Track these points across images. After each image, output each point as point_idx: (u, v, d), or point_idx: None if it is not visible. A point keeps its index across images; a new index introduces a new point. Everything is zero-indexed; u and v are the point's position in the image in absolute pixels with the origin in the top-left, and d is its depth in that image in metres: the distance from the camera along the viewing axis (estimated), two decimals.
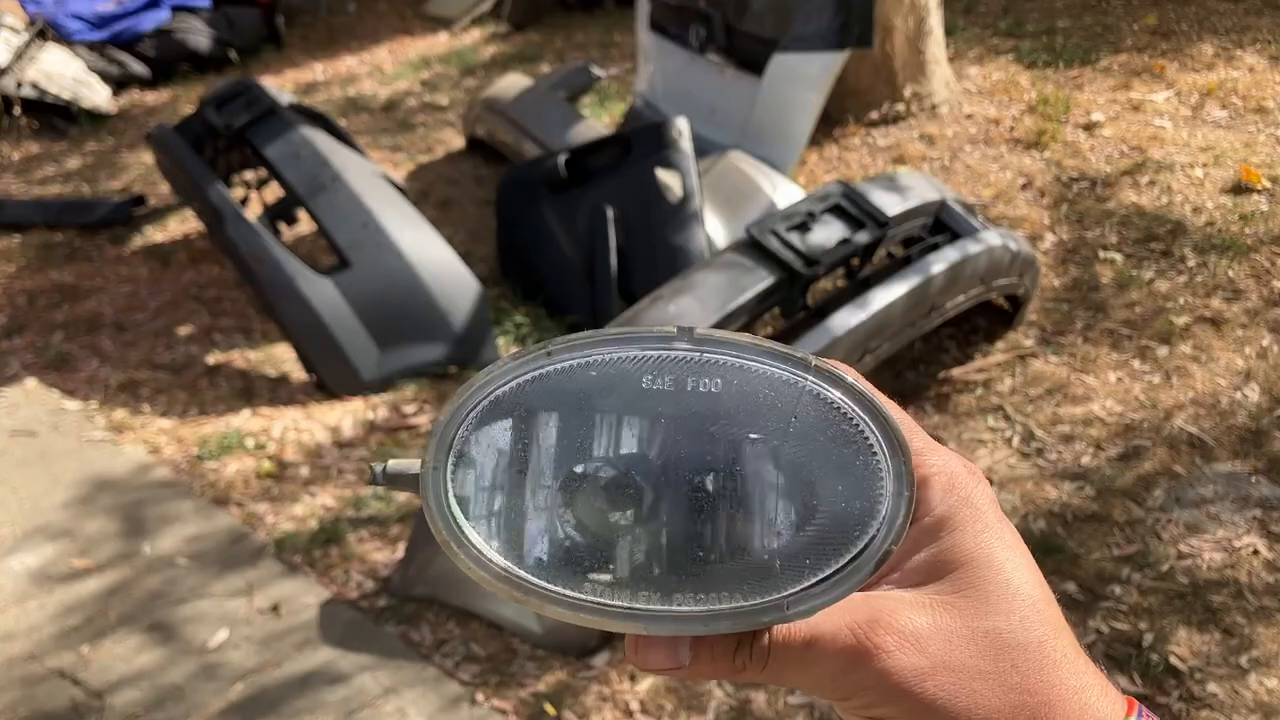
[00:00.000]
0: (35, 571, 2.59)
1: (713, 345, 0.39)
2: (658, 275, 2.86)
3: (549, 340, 0.39)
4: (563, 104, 4.26)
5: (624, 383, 0.38)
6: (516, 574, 0.37)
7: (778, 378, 0.39)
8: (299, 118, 3.61)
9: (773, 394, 0.38)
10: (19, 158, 5.23)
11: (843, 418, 0.38)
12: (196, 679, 2.26)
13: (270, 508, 2.74)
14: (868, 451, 0.38)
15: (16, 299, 3.88)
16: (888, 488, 0.38)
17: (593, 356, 0.39)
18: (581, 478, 0.38)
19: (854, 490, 0.38)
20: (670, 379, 0.38)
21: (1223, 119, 3.78)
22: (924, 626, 0.39)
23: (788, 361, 0.39)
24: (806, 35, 3.67)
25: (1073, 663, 0.41)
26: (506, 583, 0.37)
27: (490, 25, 6.36)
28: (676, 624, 0.37)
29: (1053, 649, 0.40)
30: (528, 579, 0.37)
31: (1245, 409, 2.59)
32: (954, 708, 0.39)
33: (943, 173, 3.74)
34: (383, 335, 3.17)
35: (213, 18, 6.17)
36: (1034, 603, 0.41)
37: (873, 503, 0.38)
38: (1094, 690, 0.41)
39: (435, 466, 0.38)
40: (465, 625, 2.32)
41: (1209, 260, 3.09)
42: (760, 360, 0.39)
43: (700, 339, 0.39)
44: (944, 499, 0.42)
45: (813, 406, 0.38)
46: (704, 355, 0.39)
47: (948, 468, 0.43)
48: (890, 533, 0.38)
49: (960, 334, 3.01)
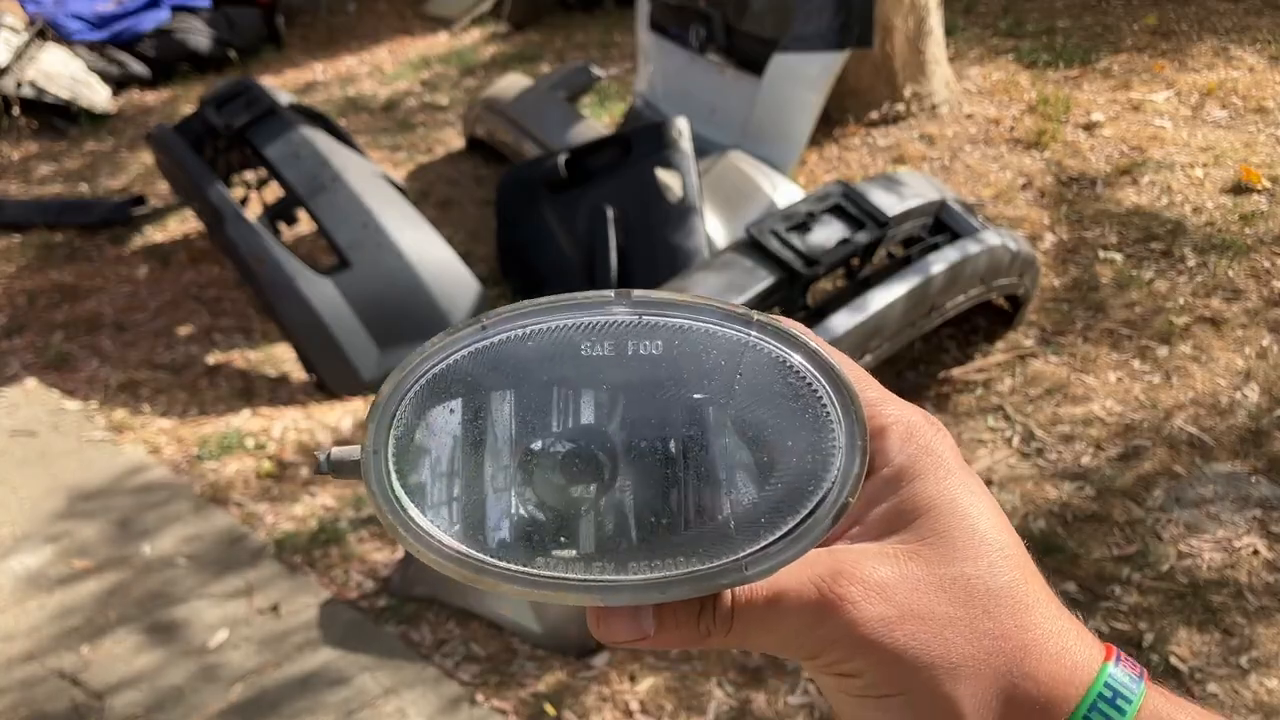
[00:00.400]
0: (35, 572, 2.59)
1: (652, 307, 0.38)
2: (658, 275, 2.86)
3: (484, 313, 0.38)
4: (563, 104, 4.26)
5: (563, 351, 0.38)
6: (469, 554, 0.36)
7: (721, 335, 0.38)
8: (299, 118, 3.61)
9: (716, 353, 0.37)
10: (19, 157, 5.23)
11: (790, 370, 0.37)
12: (196, 679, 2.25)
13: (270, 508, 2.74)
14: (817, 404, 0.37)
15: (16, 299, 3.88)
16: (840, 440, 0.37)
17: (529, 326, 0.38)
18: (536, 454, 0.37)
19: (805, 445, 0.37)
20: (610, 344, 0.37)
21: (1223, 119, 3.78)
22: (889, 575, 0.38)
23: (729, 318, 0.38)
24: (806, 35, 3.67)
25: (1045, 606, 0.40)
26: (458, 563, 0.36)
27: (490, 25, 6.35)
28: (634, 593, 0.36)
29: (1024, 593, 0.39)
30: (480, 558, 0.36)
31: (1245, 409, 2.59)
32: (926, 656, 0.37)
33: (943, 173, 3.74)
34: (383, 335, 3.17)
35: (213, 18, 6.17)
36: (1002, 547, 0.40)
37: (826, 456, 0.37)
38: (1070, 634, 0.40)
39: (375, 450, 0.37)
40: (465, 625, 2.32)
41: (1209, 260, 3.09)
42: (702, 319, 0.38)
43: (639, 301, 0.38)
44: (902, 448, 0.41)
45: (758, 363, 0.37)
46: (643, 318, 0.38)
47: (904, 417, 0.42)
48: (846, 485, 0.37)
49: (960, 334, 3.01)
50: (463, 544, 0.37)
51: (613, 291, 0.38)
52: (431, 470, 0.37)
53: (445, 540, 0.37)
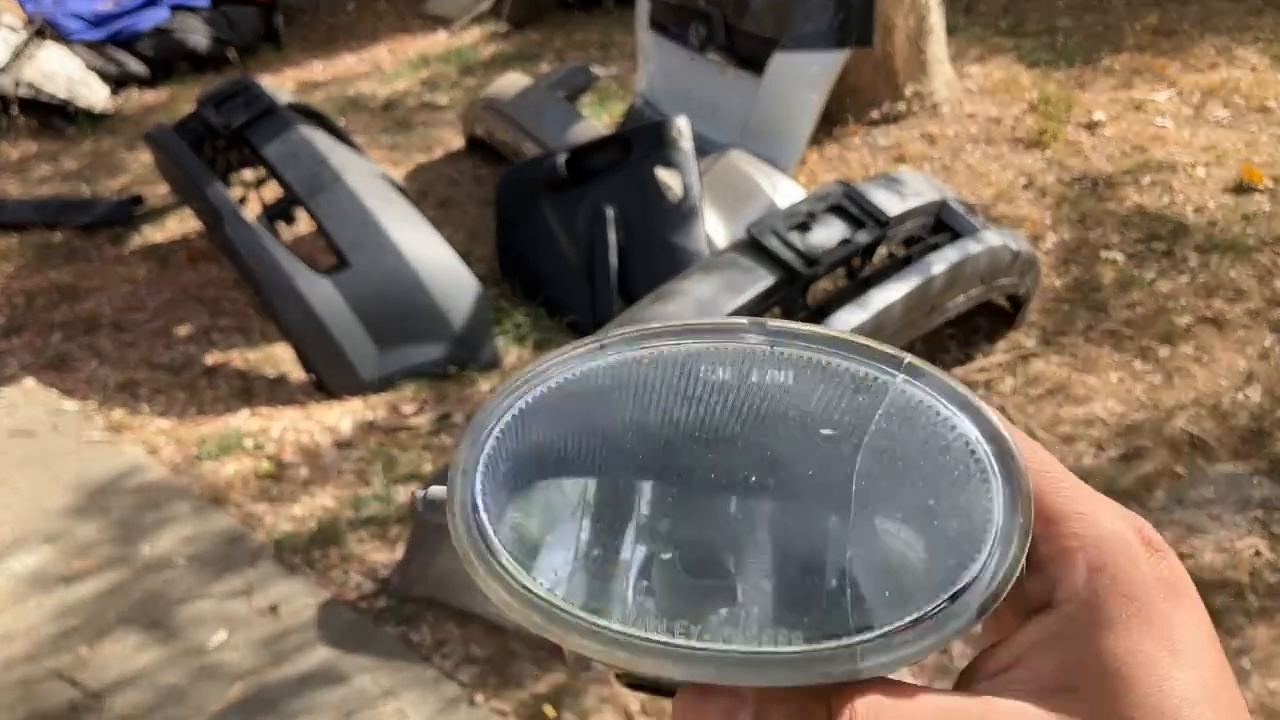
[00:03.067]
0: (34, 572, 2.59)
1: (788, 337, 0.34)
2: (658, 275, 2.85)
3: (605, 332, 0.35)
4: (562, 104, 4.25)
5: (680, 376, 0.34)
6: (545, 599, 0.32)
7: (862, 374, 0.33)
8: (298, 117, 3.60)
9: (854, 390, 0.33)
10: (17, 157, 5.23)
11: (941, 421, 0.32)
12: (195, 680, 2.25)
13: (269, 508, 2.73)
14: (971, 461, 0.31)
15: (15, 299, 3.87)
16: (997, 513, 0.30)
17: (648, 349, 0.34)
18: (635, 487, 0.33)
19: (951, 509, 0.30)
20: (732, 370, 0.34)
21: (1225, 118, 3.77)
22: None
23: (875, 357, 0.33)
24: (807, 34, 3.66)
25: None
26: (529, 606, 0.32)
27: (490, 24, 6.35)
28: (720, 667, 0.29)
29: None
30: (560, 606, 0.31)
31: (1247, 409, 2.58)
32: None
33: (944, 172, 3.73)
34: (382, 335, 3.16)
35: (211, 17, 6.16)
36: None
37: (979, 529, 0.30)
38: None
39: (465, 470, 0.33)
40: (465, 626, 2.31)
41: (1211, 260, 3.09)
42: (842, 355, 0.34)
43: (775, 330, 0.34)
44: (1095, 576, 0.31)
45: (903, 408, 0.32)
46: (776, 348, 0.34)
47: (1103, 529, 0.31)
48: (999, 572, 0.29)
49: (961, 334, 3.00)
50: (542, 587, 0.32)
51: (747, 319, 0.35)
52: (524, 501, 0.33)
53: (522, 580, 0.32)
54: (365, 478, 2.79)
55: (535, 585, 0.32)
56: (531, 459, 0.34)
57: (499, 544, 0.32)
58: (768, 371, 0.33)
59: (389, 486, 2.74)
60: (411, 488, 2.72)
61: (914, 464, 0.31)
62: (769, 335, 0.34)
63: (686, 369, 0.34)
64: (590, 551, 0.32)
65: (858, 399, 0.33)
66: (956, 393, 0.32)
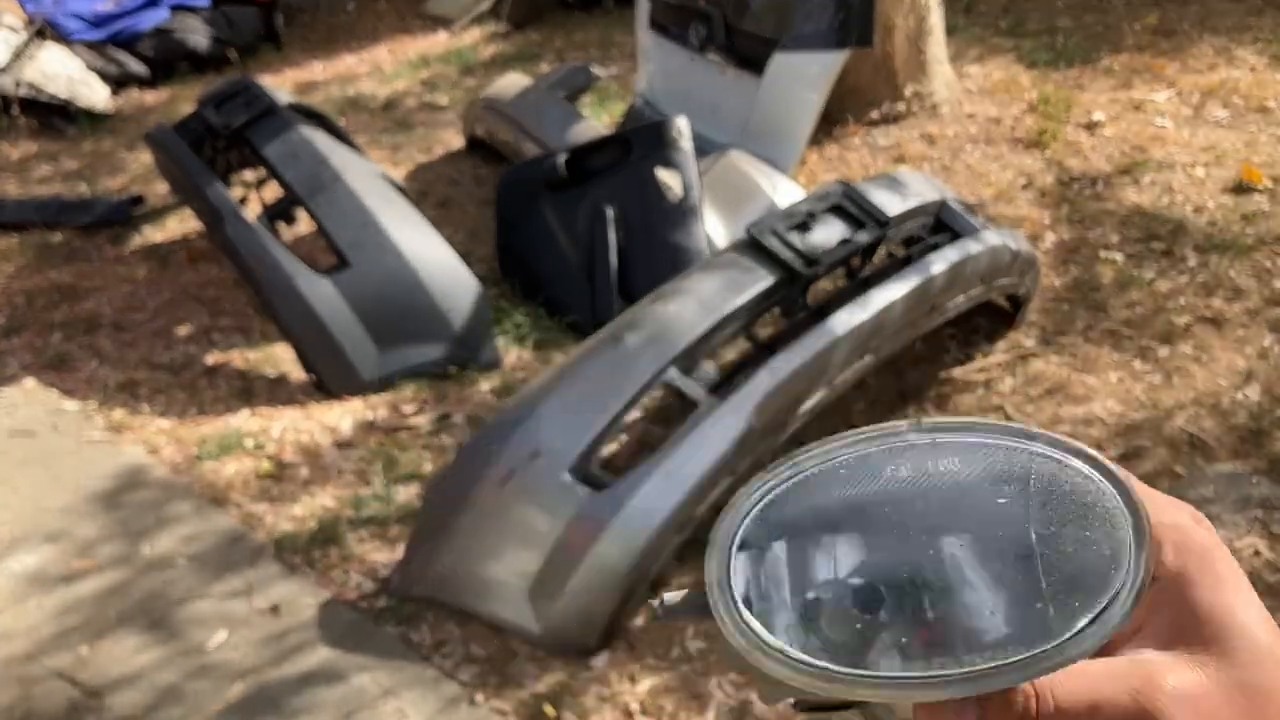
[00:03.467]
0: (34, 571, 2.59)
1: (942, 430, 0.42)
2: (658, 275, 2.85)
3: (793, 452, 0.42)
4: (563, 104, 4.25)
5: (870, 475, 0.41)
6: (823, 666, 0.39)
7: (1009, 447, 0.41)
8: (298, 117, 3.60)
9: (1006, 459, 0.41)
10: (17, 157, 5.23)
11: (1074, 472, 0.41)
12: (195, 679, 2.25)
13: (269, 508, 2.73)
14: (1101, 499, 0.40)
15: (15, 299, 3.87)
16: (1127, 538, 0.39)
17: (839, 457, 0.42)
18: (862, 566, 0.40)
19: (1098, 539, 0.39)
20: (910, 464, 0.41)
21: (1224, 118, 3.77)
22: (1190, 685, 0.40)
23: (1010, 432, 0.42)
24: (807, 34, 3.66)
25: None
26: (811, 674, 0.39)
27: (490, 25, 6.35)
28: (962, 685, 0.38)
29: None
30: (834, 667, 0.39)
31: (1246, 409, 2.58)
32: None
33: (943, 172, 3.73)
34: (382, 335, 3.16)
35: (212, 17, 6.16)
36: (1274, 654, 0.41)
37: (1116, 553, 0.39)
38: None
39: (721, 584, 0.40)
40: (465, 626, 2.31)
41: (1210, 260, 3.09)
42: (986, 435, 0.42)
43: (929, 427, 0.42)
44: (1178, 554, 0.42)
45: (1046, 468, 0.41)
46: (935, 439, 0.42)
47: (1177, 521, 0.43)
48: (1136, 582, 0.39)
49: (961, 334, 3.00)
50: (809, 656, 0.39)
51: (904, 422, 0.42)
52: (771, 596, 0.40)
53: (796, 655, 0.39)
54: (365, 478, 2.79)
55: (808, 657, 0.39)
56: (770, 560, 0.41)
57: (769, 635, 0.39)
58: (939, 460, 0.41)
59: (389, 486, 2.74)
60: (412, 488, 2.72)
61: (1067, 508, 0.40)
62: (926, 431, 0.42)
63: (871, 469, 0.42)
64: (843, 620, 0.40)
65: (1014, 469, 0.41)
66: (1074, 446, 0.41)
